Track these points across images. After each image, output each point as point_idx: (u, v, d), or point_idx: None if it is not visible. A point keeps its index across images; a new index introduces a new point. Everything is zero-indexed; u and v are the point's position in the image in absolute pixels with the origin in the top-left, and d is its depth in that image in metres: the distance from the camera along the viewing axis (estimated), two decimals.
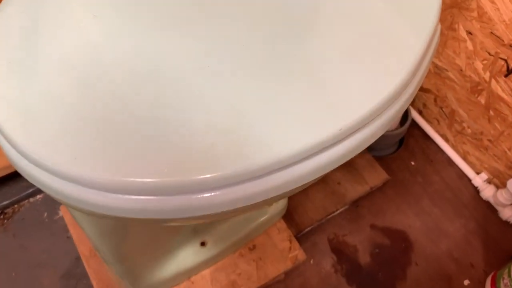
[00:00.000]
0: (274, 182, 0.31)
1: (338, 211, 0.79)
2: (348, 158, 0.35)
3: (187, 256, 0.65)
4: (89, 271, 0.70)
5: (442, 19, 0.75)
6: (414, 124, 0.91)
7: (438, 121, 0.87)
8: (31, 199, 0.98)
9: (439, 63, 0.80)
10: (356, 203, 0.81)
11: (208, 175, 0.29)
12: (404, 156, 0.87)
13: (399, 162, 0.86)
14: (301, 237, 0.76)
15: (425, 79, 0.85)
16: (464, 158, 0.85)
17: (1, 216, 0.96)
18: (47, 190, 0.32)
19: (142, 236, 0.55)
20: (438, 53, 0.79)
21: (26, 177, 0.33)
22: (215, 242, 0.66)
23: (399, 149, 0.88)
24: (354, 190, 0.80)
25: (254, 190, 0.31)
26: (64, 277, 0.90)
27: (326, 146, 0.32)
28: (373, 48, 0.37)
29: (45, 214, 0.97)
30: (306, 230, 0.77)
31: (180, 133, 0.31)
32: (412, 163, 0.86)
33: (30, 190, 0.97)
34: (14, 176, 0.96)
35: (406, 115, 0.84)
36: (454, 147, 0.86)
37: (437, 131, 0.88)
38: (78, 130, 0.31)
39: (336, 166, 0.34)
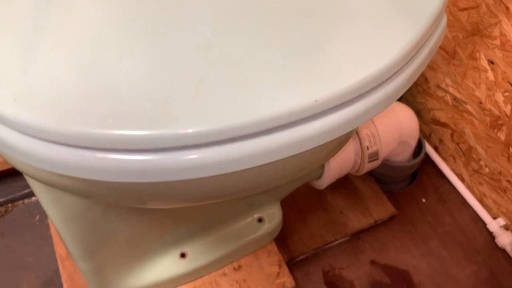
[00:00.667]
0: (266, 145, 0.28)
1: (337, 242, 0.73)
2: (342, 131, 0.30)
3: (164, 267, 0.60)
4: (62, 273, 0.66)
5: (462, 47, 0.71)
6: (429, 160, 0.85)
7: (454, 158, 0.81)
8: (26, 200, 0.96)
9: (458, 95, 0.75)
10: (357, 236, 0.75)
11: (197, 129, 0.25)
12: (415, 193, 0.81)
13: (409, 198, 0.80)
14: (293, 265, 0.70)
15: (441, 113, 0.80)
16: (480, 201, 0.78)
17: None
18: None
19: (115, 234, 0.51)
20: (457, 84, 0.75)
21: None
22: (197, 255, 0.61)
23: (410, 185, 0.82)
24: (357, 221, 0.75)
25: (244, 153, 0.27)
26: (44, 284, 0.86)
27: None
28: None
29: (37, 217, 0.94)
30: (300, 258, 0.71)
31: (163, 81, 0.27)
32: (423, 200, 0.80)
33: (27, 191, 0.95)
34: (13, 174, 0.95)
35: (420, 148, 0.79)
36: (470, 187, 0.80)
37: (453, 170, 0.82)
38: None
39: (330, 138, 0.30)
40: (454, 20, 0.71)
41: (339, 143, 0.38)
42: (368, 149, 0.67)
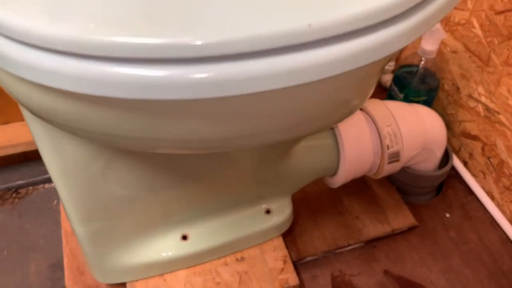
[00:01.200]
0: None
1: (350, 247, 0.69)
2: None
3: (164, 246, 0.58)
4: (65, 247, 0.65)
5: (497, 53, 0.67)
6: (457, 175, 0.80)
7: (484, 174, 0.76)
8: (46, 185, 0.97)
9: (490, 105, 0.71)
10: (373, 243, 0.70)
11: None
12: (438, 207, 0.76)
13: (431, 212, 0.75)
14: (300, 266, 0.66)
15: (472, 124, 0.76)
16: (511, 221, 0.73)
17: (14, 195, 0.96)
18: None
19: (114, 200, 0.50)
20: (490, 92, 0.71)
21: None
22: (198, 239, 0.59)
23: (434, 199, 0.77)
24: (373, 228, 0.70)
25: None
26: (52, 267, 0.85)
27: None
28: None
29: (55, 202, 0.95)
30: (308, 259, 0.67)
31: None
32: (447, 215, 0.75)
33: (48, 176, 0.96)
34: (36, 158, 0.97)
35: (446, 159, 0.75)
36: (500, 206, 0.74)
37: (482, 187, 0.77)
38: None
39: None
40: (490, 25, 0.68)
41: (360, 81, 0.35)
42: (388, 148, 0.63)
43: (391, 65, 0.92)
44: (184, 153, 0.40)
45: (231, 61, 0.26)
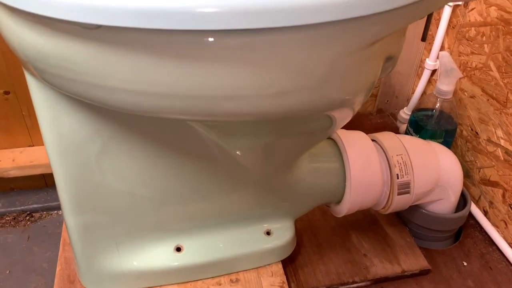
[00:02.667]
0: None
1: (355, 285, 0.64)
2: None
3: (156, 256, 0.56)
4: (60, 256, 0.64)
5: None
6: (477, 225, 0.76)
7: (506, 224, 0.71)
8: (60, 212, 0.98)
9: (510, 147, 0.69)
10: (380, 284, 0.65)
11: None
12: (455, 255, 0.71)
13: (447, 258, 0.70)
14: None
15: (492, 170, 0.73)
16: None
17: (27, 218, 0.97)
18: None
19: (108, 192, 0.50)
20: (509, 135, 0.68)
21: None
22: (193, 252, 0.57)
23: (451, 247, 0.73)
24: (382, 267, 0.66)
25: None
26: None
27: None
28: None
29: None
30: None
31: None
32: (465, 263, 0.70)
33: None
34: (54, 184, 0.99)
35: (464, 203, 0.71)
36: None
37: (504, 237, 0.72)
38: None
39: None
40: (507, 66, 0.68)
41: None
42: (398, 178, 0.61)
43: (409, 114, 0.91)
44: (167, 116, 0.39)
45: None
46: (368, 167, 0.61)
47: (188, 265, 0.56)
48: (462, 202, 0.72)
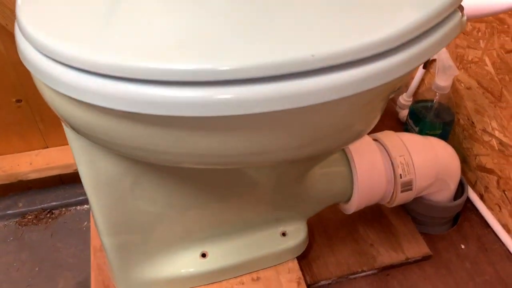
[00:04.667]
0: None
1: (364, 274, 0.71)
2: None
3: (184, 263, 0.61)
4: (93, 262, 0.69)
5: (509, 90, 0.70)
6: (473, 208, 0.82)
7: (500, 207, 0.77)
8: (79, 207, 1.03)
9: (504, 139, 0.73)
10: (386, 271, 0.72)
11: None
12: (454, 238, 0.77)
13: (446, 243, 0.77)
14: None
15: (487, 158, 0.78)
16: None
17: (48, 215, 1.02)
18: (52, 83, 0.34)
19: (140, 215, 0.55)
20: (503, 127, 0.73)
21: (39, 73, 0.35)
22: (217, 257, 0.62)
23: (450, 230, 0.79)
24: (387, 255, 0.72)
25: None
26: (79, 284, 0.90)
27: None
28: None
29: (85, 223, 1.00)
30: (322, 283, 0.69)
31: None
32: (462, 246, 0.76)
33: (80, 198, 1.02)
34: (70, 181, 1.03)
35: (461, 190, 0.76)
36: None
37: (498, 220, 0.78)
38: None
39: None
40: (501, 63, 0.71)
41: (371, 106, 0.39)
42: (401, 177, 0.66)
43: (408, 100, 0.95)
44: (205, 167, 0.44)
45: (246, 85, 0.30)
46: (374, 169, 0.65)
47: (213, 269, 0.62)
48: (460, 188, 0.77)
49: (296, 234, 0.66)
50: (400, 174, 0.66)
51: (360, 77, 0.32)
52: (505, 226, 0.77)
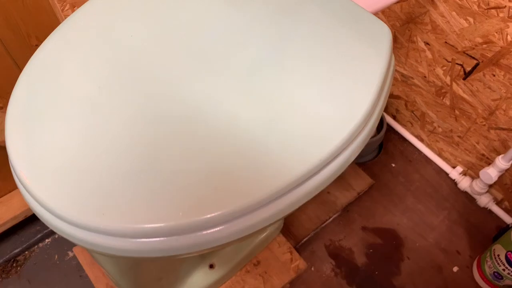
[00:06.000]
0: (272, 210, 0.38)
1: (331, 219, 0.85)
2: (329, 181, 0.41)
3: (198, 279, 0.70)
4: None
5: (401, 33, 0.82)
6: (390, 128, 0.98)
7: (411, 123, 0.94)
8: (41, 244, 1.03)
9: (405, 72, 0.87)
10: (346, 209, 0.87)
11: (215, 213, 0.35)
12: (384, 160, 0.94)
13: (380, 166, 0.93)
14: (300, 248, 0.82)
15: (393, 87, 0.92)
16: (440, 155, 0.92)
17: (14, 264, 1.01)
18: (79, 242, 0.38)
19: (156, 266, 0.61)
20: (402, 63, 0.86)
21: (56, 231, 0.38)
22: (223, 264, 0.72)
23: (380, 154, 0.95)
24: (343, 196, 0.87)
25: (256, 220, 0.37)
26: None
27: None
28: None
29: (56, 257, 1.01)
30: (304, 240, 0.83)
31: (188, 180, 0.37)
32: (393, 165, 0.93)
33: (39, 236, 1.01)
34: (22, 224, 1.01)
35: (381, 122, 0.91)
36: (429, 145, 0.93)
37: (412, 133, 0.96)
38: (105, 190, 0.37)
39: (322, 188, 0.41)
40: (390, 11, 0.82)
41: None
42: None
43: None
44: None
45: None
46: None
47: (223, 275, 0.72)
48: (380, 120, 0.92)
49: None
50: None
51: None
52: (418, 137, 0.95)
